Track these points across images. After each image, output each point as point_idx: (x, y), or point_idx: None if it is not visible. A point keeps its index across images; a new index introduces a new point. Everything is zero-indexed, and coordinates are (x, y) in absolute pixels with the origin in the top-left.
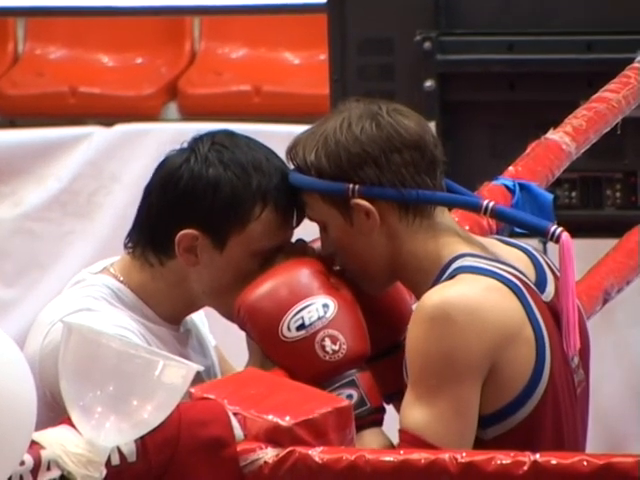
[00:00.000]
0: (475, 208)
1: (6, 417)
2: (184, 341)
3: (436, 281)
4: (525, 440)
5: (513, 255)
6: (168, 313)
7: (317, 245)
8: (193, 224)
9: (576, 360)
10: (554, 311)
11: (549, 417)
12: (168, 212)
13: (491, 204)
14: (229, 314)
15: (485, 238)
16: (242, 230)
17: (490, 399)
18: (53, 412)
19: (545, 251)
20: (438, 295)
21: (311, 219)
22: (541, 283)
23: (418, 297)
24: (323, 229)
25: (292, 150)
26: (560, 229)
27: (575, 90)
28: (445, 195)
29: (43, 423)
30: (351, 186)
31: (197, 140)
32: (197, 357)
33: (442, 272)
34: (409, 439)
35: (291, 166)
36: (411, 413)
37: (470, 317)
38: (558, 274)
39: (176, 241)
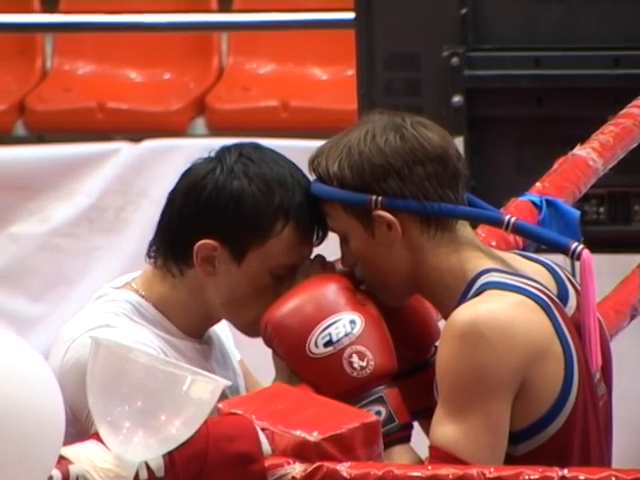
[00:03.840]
0: (497, 223)
1: (34, 432)
2: (207, 354)
3: (463, 297)
4: (556, 455)
5: (534, 270)
6: (189, 326)
7: (338, 265)
8: (213, 235)
9: (598, 375)
10: (577, 325)
11: (578, 432)
12: (189, 221)
13: (513, 219)
14: (243, 326)
15: (506, 253)
16: (261, 245)
17: (521, 415)
18: (73, 428)
19: (573, 267)
20: (469, 312)
21: (332, 230)
22: (563, 297)
23: (442, 311)
24: (344, 240)
25: (315, 160)
26: (581, 246)
27: (602, 106)
28: (468, 209)
29: (64, 440)
30: (374, 198)
31: (224, 151)
32: (220, 370)
33: (468, 288)
34: (440, 455)
35: (313, 176)
36: (442, 429)
37: (501, 334)
38: (579, 288)
39: (194, 250)
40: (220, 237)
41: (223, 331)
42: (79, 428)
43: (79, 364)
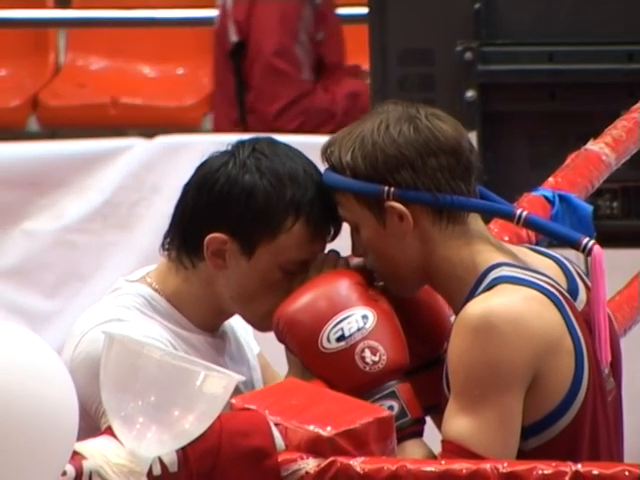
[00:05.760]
0: (508, 217)
1: (48, 427)
2: (221, 348)
3: (474, 291)
4: (565, 450)
5: (544, 264)
6: (202, 319)
7: (351, 261)
8: (224, 228)
9: (607, 370)
10: (586, 320)
11: (587, 426)
12: (201, 213)
13: (524, 213)
14: (254, 321)
15: (516, 246)
16: (272, 240)
17: (532, 409)
18: (84, 422)
19: (586, 262)
20: (481, 306)
21: (343, 219)
22: (573, 292)
23: (452, 304)
24: (355, 230)
25: (327, 149)
26: (592, 242)
27: (616, 100)
28: (480, 202)
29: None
30: (386, 188)
31: (239, 145)
32: (234, 365)
33: (479, 282)
34: (453, 449)
35: (326, 166)
36: (455, 423)
37: (514, 327)
38: (589, 283)
39: (205, 243)
40: (230, 231)
41: (241, 324)
42: (89, 422)
43: (89, 358)
